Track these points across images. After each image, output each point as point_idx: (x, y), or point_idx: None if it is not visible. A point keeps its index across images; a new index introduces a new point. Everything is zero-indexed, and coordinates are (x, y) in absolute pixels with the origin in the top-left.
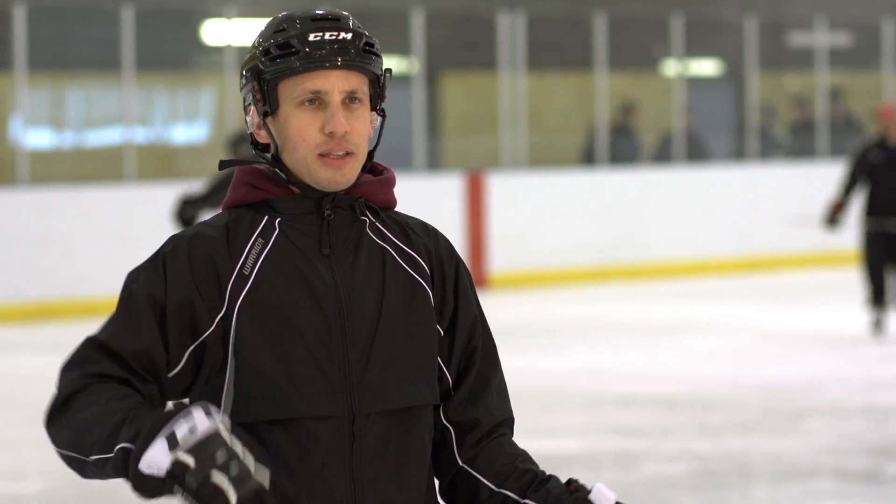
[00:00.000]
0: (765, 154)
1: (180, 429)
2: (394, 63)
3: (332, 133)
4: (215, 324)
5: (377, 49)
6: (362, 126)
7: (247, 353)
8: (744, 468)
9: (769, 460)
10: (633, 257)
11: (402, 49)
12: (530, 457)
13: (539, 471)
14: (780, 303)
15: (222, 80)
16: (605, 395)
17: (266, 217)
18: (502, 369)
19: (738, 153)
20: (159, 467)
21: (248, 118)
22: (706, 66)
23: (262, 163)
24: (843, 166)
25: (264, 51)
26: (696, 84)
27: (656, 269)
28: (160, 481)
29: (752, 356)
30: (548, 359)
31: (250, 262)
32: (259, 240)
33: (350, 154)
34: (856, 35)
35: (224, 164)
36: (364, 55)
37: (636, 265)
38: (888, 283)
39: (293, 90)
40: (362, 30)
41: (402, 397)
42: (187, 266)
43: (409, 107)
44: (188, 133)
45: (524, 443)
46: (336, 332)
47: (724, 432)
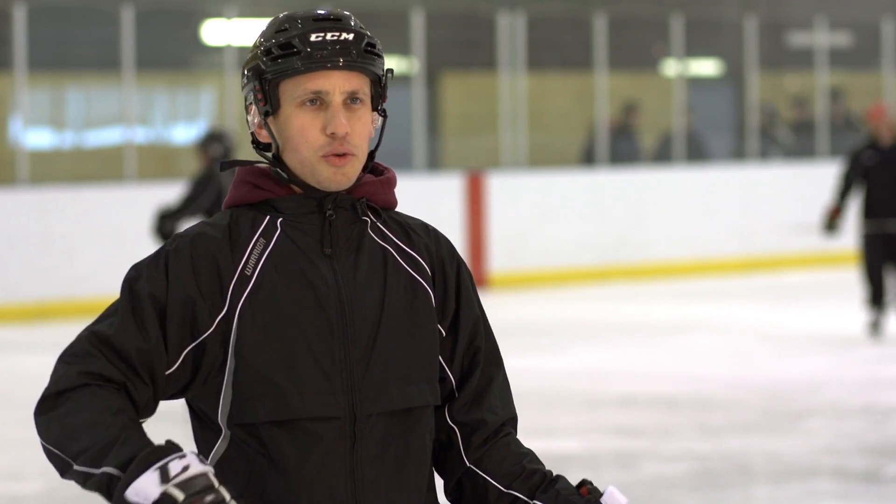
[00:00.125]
0: (765, 154)
1: (174, 465)
2: (394, 63)
3: (333, 134)
4: (216, 324)
5: (379, 49)
6: (363, 127)
7: (248, 354)
8: (743, 468)
9: (769, 460)
10: (633, 257)
11: (402, 49)
12: (536, 456)
13: (547, 471)
14: (779, 303)
15: (222, 80)
16: (605, 395)
17: (268, 217)
18: (505, 368)
19: (738, 153)
20: (146, 497)
21: (250, 117)
22: (706, 66)
23: (263, 162)
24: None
25: (266, 50)
26: (696, 84)
27: (656, 269)
28: None
29: (752, 356)
30: (548, 359)
31: (252, 262)
32: (261, 240)
33: (350, 154)
34: (856, 35)
35: (225, 166)
36: (366, 56)
37: (636, 265)
38: (887, 285)
39: (294, 90)
40: (364, 30)
41: (404, 398)
42: (189, 266)
43: (409, 107)
44: (188, 133)
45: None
46: (338, 333)
47: (723, 432)
